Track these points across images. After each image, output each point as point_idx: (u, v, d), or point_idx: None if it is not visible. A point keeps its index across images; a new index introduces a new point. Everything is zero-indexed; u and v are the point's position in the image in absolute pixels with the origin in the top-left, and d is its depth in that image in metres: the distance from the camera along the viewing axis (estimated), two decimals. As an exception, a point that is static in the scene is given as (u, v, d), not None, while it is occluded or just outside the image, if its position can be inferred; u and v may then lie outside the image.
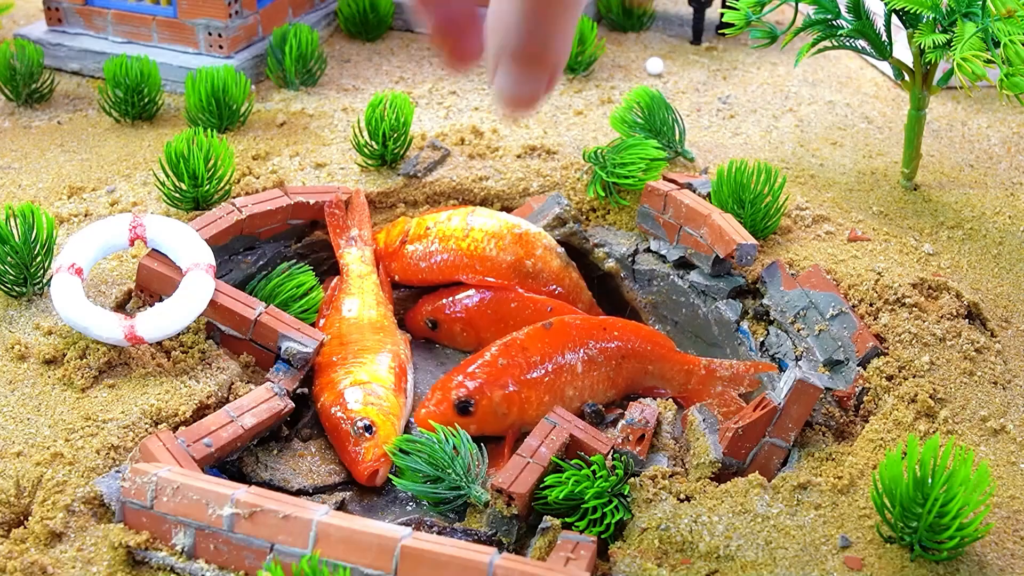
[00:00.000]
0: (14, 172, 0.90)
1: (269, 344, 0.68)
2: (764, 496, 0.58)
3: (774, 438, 0.62)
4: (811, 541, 0.55)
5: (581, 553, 0.52)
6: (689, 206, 0.77)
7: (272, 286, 0.74)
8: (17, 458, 0.58)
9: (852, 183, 0.90)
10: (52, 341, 0.66)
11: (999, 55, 0.70)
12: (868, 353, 0.67)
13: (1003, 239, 0.82)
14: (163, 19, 1.07)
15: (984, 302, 0.73)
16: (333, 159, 0.91)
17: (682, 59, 1.19)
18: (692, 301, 0.78)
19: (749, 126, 1.01)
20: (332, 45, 1.20)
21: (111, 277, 0.73)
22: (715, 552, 0.54)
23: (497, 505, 0.58)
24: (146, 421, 0.61)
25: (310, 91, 1.06)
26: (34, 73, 1.02)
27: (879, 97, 1.09)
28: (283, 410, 0.64)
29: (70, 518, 0.54)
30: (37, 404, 0.62)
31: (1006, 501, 0.58)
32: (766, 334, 0.73)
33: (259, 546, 0.50)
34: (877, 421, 0.63)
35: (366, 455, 0.64)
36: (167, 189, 0.81)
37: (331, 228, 0.81)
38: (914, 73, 0.83)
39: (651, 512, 0.57)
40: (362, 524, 0.49)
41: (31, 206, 0.70)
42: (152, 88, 0.98)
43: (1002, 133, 1.01)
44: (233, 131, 0.96)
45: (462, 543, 0.48)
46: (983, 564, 0.53)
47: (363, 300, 0.76)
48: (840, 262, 0.76)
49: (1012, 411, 0.64)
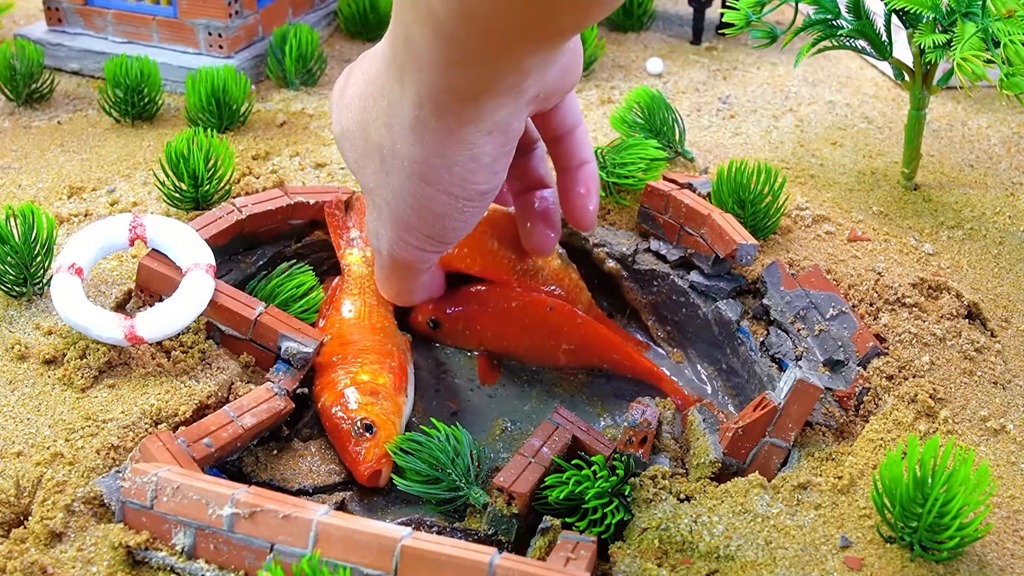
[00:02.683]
0: (14, 172, 0.90)
1: (269, 344, 0.68)
2: (764, 496, 0.58)
3: (774, 438, 0.62)
4: (811, 541, 0.55)
5: (581, 553, 0.52)
6: (689, 206, 0.77)
7: (272, 286, 0.74)
8: (17, 458, 0.58)
9: (852, 183, 0.90)
10: (52, 341, 0.66)
11: (999, 55, 0.70)
12: (868, 353, 0.67)
13: (1003, 239, 0.82)
14: (163, 19, 1.07)
15: (984, 302, 0.73)
16: (333, 159, 0.91)
17: (682, 59, 1.19)
18: (692, 301, 0.78)
19: (749, 126, 1.01)
20: (332, 45, 1.20)
21: (111, 277, 0.73)
22: (715, 552, 0.54)
23: (497, 504, 0.58)
24: (146, 421, 0.61)
25: (310, 91, 1.06)
26: (34, 73, 1.02)
27: (879, 97, 1.09)
28: (283, 410, 0.64)
29: (70, 518, 0.54)
30: (37, 404, 0.62)
31: (1006, 501, 0.58)
32: (766, 334, 0.73)
33: (259, 546, 0.50)
34: (877, 421, 0.63)
35: (367, 455, 0.64)
36: (167, 189, 0.81)
37: (331, 229, 0.81)
38: (914, 73, 0.83)
39: (651, 512, 0.57)
40: (362, 524, 0.49)
41: (31, 206, 0.70)
42: (152, 88, 0.98)
43: (1002, 133, 1.01)
44: (233, 131, 0.96)
45: (462, 543, 0.48)
46: (983, 564, 0.53)
47: (364, 300, 0.76)
48: (840, 262, 0.76)
49: (1012, 411, 0.64)
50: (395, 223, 0.57)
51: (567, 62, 0.56)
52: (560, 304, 0.77)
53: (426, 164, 0.53)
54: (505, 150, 0.54)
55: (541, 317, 0.76)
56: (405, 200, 0.55)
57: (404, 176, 0.54)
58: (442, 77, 0.48)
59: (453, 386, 0.77)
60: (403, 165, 0.54)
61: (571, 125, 0.64)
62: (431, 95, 0.49)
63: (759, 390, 0.71)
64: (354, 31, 1.22)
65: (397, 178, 0.54)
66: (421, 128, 0.51)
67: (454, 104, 0.49)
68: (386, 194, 0.56)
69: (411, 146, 0.52)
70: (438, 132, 0.51)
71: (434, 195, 0.54)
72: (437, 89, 0.49)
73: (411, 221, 0.56)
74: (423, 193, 0.54)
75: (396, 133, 0.53)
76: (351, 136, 0.57)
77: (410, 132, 0.52)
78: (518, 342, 0.78)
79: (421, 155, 0.52)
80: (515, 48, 0.45)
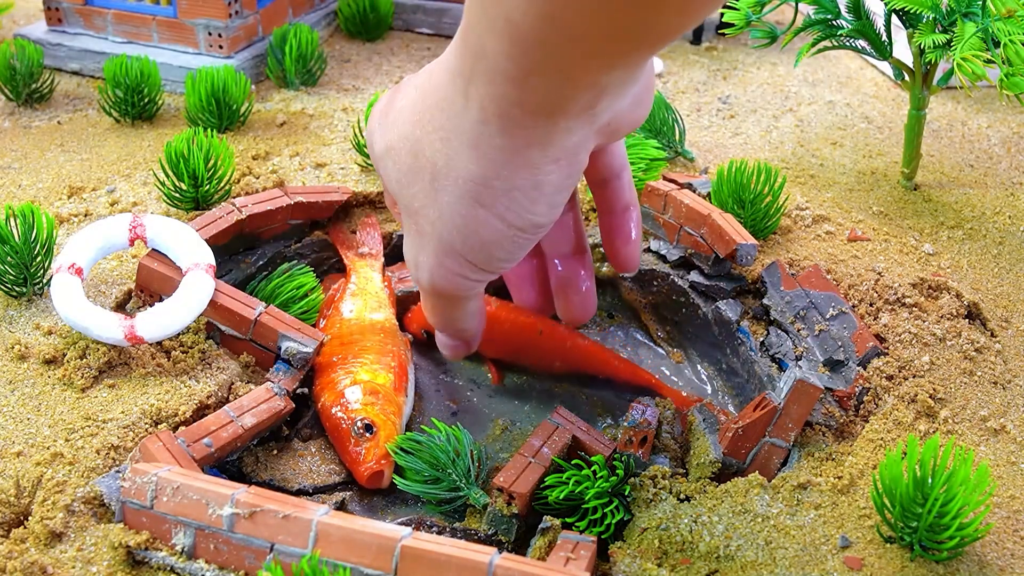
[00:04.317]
0: (14, 172, 0.90)
1: (269, 344, 0.68)
2: (764, 496, 0.58)
3: (774, 438, 0.62)
4: (811, 541, 0.55)
5: (581, 553, 0.52)
6: (689, 206, 0.77)
7: (272, 286, 0.74)
8: (17, 458, 0.58)
9: (852, 183, 0.90)
10: (52, 341, 0.66)
11: (999, 55, 0.70)
12: (868, 353, 0.67)
13: (1003, 239, 0.82)
14: (163, 19, 1.07)
15: (984, 302, 0.73)
16: (333, 159, 0.91)
17: (682, 59, 1.19)
18: (692, 301, 0.78)
19: (749, 126, 1.01)
20: (332, 45, 1.21)
21: (111, 277, 0.73)
22: (715, 552, 0.54)
23: (497, 504, 0.58)
24: (146, 421, 0.61)
25: (310, 91, 1.06)
26: (34, 73, 1.02)
27: (879, 97, 1.09)
28: (283, 410, 0.64)
29: (70, 518, 0.54)
30: (37, 404, 0.62)
31: (1006, 501, 0.58)
32: (766, 334, 0.73)
33: (259, 546, 0.50)
34: (877, 421, 0.63)
35: (367, 456, 0.64)
36: (167, 189, 0.81)
37: (339, 247, 0.82)
38: (914, 73, 0.83)
39: (651, 512, 0.57)
40: (362, 524, 0.49)
41: (31, 206, 0.70)
42: (152, 88, 0.98)
43: (1002, 133, 1.01)
44: (233, 131, 0.96)
45: (462, 543, 0.48)
46: (983, 564, 0.53)
47: (364, 301, 0.76)
48: (840, 262, 0.76)
49: (1012, 411, 0.64)
50: (438, 247, 0.54)
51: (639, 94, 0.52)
52: (551, 327, 0.77)
53: (484, 184, 0.50)
54: (569, 182, 0.51)
55: (532, 340, 0.76)
56: (453, 221, 0.52)
57: (457, 195, 0.51)
58: (515, 90, 0.45)
59: (453, 386, 0.77)
60: (457, 184, 0.50)
61: (619, 168, 0.61)
62: (500, 110, 0.46)
63: (759, 390, 0.71)
64: (354, 31, 1.22)
65: (448, 197, 0.51)
66: (485, 145, 0.48)
67: (525, 119, 0.47)
68: (432, 214, 0.52)
69: (470, 163, 0.49)
70: (503, 151, 0.48)
71: (486, 219, 0.51)
72: (508, 103, 0.46)
73: (456, 245, 0.53)
74: (475, 216, 0.51)
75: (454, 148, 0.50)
76: (396, 153, 0.54)
77: (471, 148, 0.49)
78: (512, 358, 0.78)
79: (480, 174, 0.49)
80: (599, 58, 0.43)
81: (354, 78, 1.11)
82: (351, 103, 1.04)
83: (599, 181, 0.62)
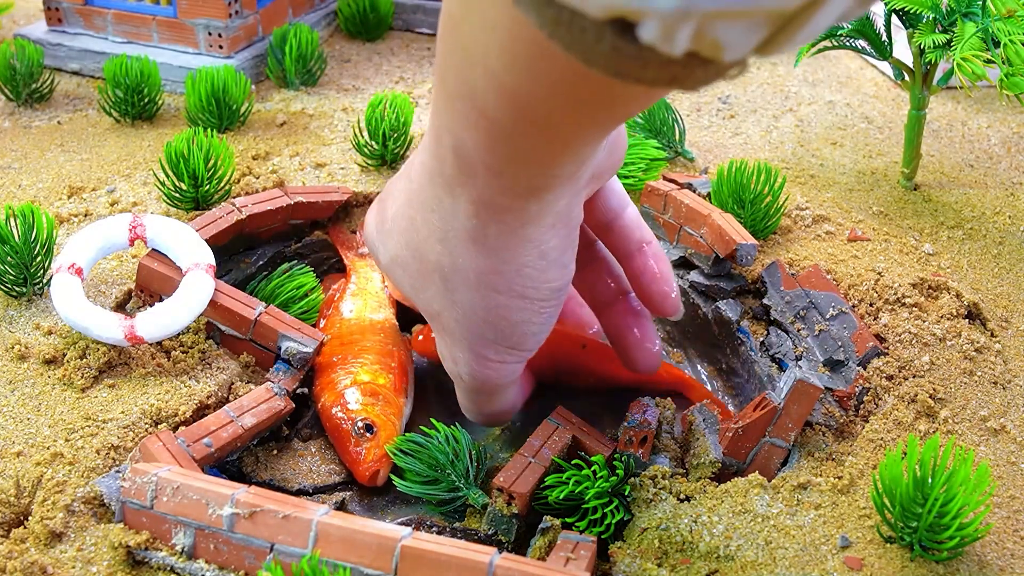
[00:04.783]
0: (14, 172, 0.90)
1: (269, 344, 0.68)
2: (764, 496, 0.58)
3: (774, 438, 0.62)
4: (811, 541, 0.55)
5: (581, 553, 0.52)
6: (689, 206, 0.77)
7: (272, 286, 0.74)
8: (17, 458, 0.58)
9: (852, 183, 0.90)
10: (52, 341, 0.66)
11: (999, 55, 0.70)
12: (868, 353, 0.67)
13: (1003, 239, 0.82)
14: (163, 19, 1.07)
15: (984, 302, 0.73)
16: (333, 159, 0.91)
17: (682, 59, 1.19)
18: (692, 301, 0.78)
19: (749, 126, 1.01)
20: (332, 45, 1.21)
21: (111, 277, 0.73)
22: (715, 552, 0.54)
23: (497, 504, 0.58)
24: (146, 421, 0.61)
25: (310, 91, 1.06)
26: (34, 73, 1.02)
27: (879, 97, 1.09)
28: (283, 410, 0.64)
29: (70, 518, 0.54)
30: (37, 404, 0.62)
31: (1006, 501, 0.58)
32: (766, 334, 0.73)
33: (259, 546, 0.50)
34: (877, 421, 0.63)
35: (367, 456, 0.64)
36: (167, 189, 0.81)
37: (339, 247, 0.82)
38: (914, 73, 0.83)
39: (651, 512, 0.57)
40: (362, 524, 0.49)
41: (31, 206, 0.70)
42: (152, 88, 0.98)
43: (1002, 133, 1.01)
44: (233, 131, 0.96)
45: (462, 543, 0.48)
46: (983, 564, 0.53)
47: (365, 301, 0.76)
48: (840, 262, 0.76)
49: (1012, 411, 0.64)
50: (472, 342, 0.54)
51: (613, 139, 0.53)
52: (594, 342, 0.73)
53: (494, 272, 0.50)
54: (570, 241, 0.52)
55: (574, 353, 0.73)
56: (477, 314, 0.52)
57: (472, 290, 0.51)
58: (498, 180, 0.46)
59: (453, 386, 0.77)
60: (468, 279, 0.51)
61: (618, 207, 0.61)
62: (488, 200, 0.47)
63: (759, 390, 0.71)
64: (354, 31, 1.22)
65: (465, 294, 0.52)
66: (481, 237, 0.49)
67: (514, 203, 0.47)
68: (455, 314, 0.53)
69: (474, 258, 0.50)
70: (500, 236, 0.49)
71: (507, 302, 0.51)
72: (494, 192, 0.47)
73: (488, 335, 0.53)
74: (495, 303, 0.51)
75: (454, 248, 0.50)
76: (402, 261, 0.54)
77: (470, 243, 0.49)
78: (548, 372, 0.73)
79: (486, 265, 0.50)
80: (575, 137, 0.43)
81: (354, 78, 1.11)
82: (351, 103, 1.04)
83: (603, 225, 0.61)
